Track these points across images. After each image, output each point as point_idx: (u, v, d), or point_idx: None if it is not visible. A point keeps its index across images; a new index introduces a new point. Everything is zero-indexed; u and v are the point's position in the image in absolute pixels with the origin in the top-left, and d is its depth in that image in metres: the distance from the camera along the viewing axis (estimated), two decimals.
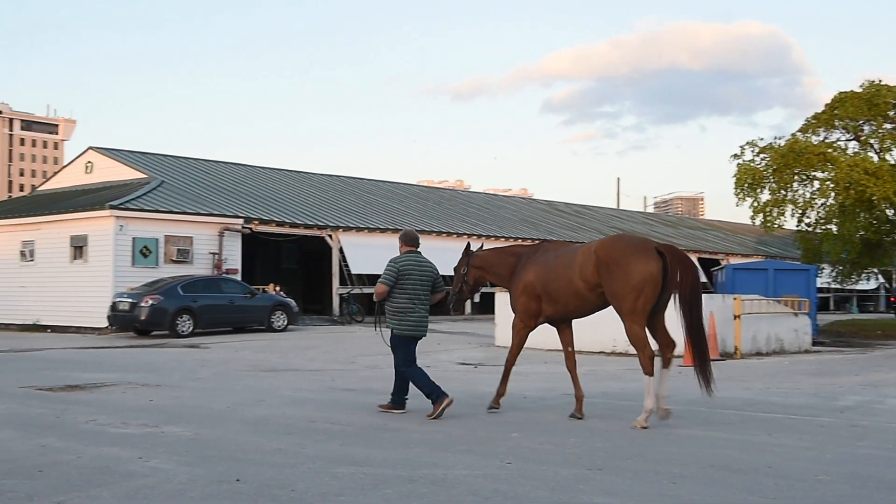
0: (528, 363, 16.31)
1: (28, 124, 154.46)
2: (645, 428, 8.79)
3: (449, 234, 36.73)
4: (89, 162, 34.69)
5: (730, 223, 63.14)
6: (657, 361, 9.23)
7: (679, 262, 9.18)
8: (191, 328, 24.28)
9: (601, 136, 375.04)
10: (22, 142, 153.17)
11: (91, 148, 35.11)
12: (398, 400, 9.94)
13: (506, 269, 10.29)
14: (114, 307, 24.69)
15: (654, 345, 9.39)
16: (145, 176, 32.19)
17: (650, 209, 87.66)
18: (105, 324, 25.53)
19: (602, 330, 18.45)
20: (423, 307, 9.89)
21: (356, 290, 32.17)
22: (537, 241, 10.49)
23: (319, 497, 5.99)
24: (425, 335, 10.00)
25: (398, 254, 10.12)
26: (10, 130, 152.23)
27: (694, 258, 50.43)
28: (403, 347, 9.85)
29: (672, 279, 9.05)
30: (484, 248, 11.23)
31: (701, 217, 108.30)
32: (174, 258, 27.84)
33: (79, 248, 27.88)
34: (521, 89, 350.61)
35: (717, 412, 10.16)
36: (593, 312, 10.18)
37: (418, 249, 10.13)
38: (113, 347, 20.92)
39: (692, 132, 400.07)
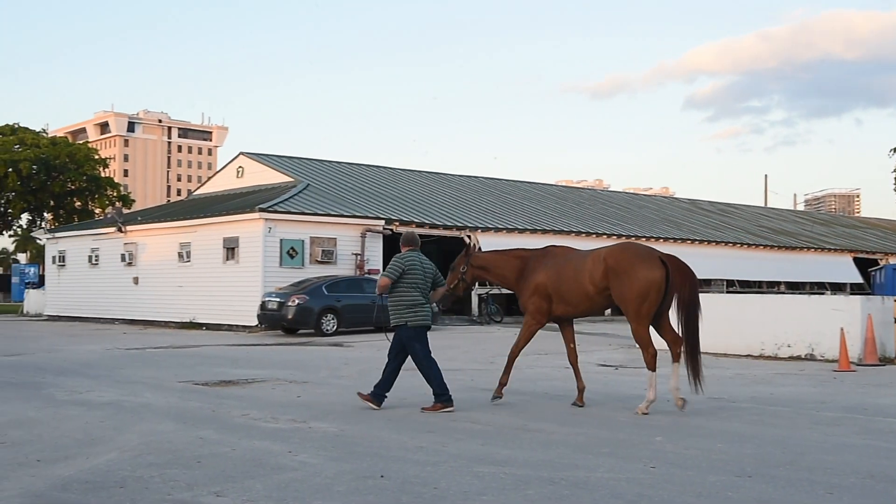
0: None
1: (184, 132, 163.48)
2: (646, 414, 9.79)
3: (588, 234, 36.32)
4: (240, 167, 36.33)
5: (889, 221, 59.71)
6: (667, 357, 10.41)
7: (679, 270, 10.16)
8: (334, 327, 24.97)
9: (748, 132, 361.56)
10: (179, 149, 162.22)
11: (242, 153, 36.77)
12: (444, 398, 10.14)
13: (511, 271, 10.93)
14: (263, 306, 25.67)
15: (662, 344, 10.38)
16: (292, 179, 33.41)
17: (800, 207, 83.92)
18: (255, 322, 26.59)
19: (749, 332, 17.82)
20: (428, 300, 10.58)
21: (494, 291, 32.26)
22: (546, 247, 11.24)
23: (462, 496, 6.04)
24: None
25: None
26: (169, 138, 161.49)
27: (849, 258, 48.02)
28: (423, 339, 10.44)
29: (673, 286, 10.06)
30: (481, 249, 12.35)
31: (857, 215, 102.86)
32: (319, 259, 28.72)
33: (231, 249, 29.15)
34: (662, 86, 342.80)
35: (877, 420, 9.61)
36: (599, 313, 11.37)
37: (418, 250, 10.73)
38: (262, 345, 21.78)
39: (846, 126, 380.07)
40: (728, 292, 36.01)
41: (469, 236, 32.86)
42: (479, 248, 32.46)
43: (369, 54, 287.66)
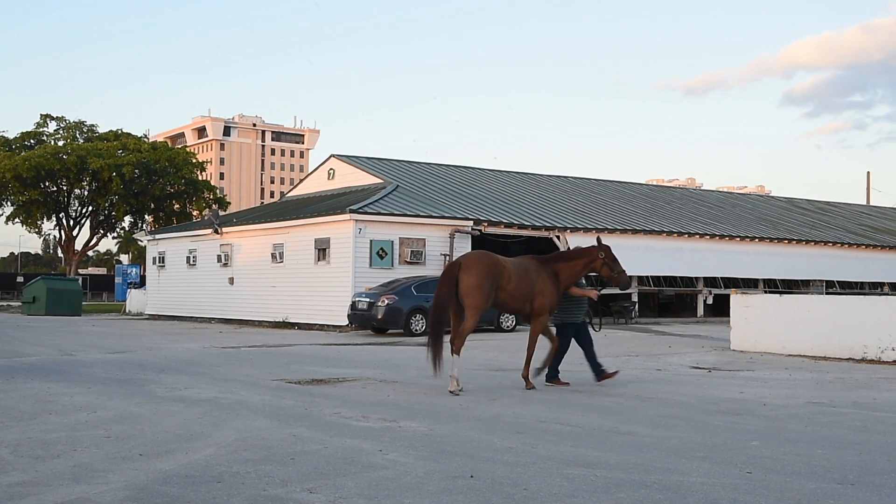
0: (766, 368, 15.50)
1: (277, 135, 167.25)
2: (453, 392, 11.47)
3: (680, 234, 35.65)
4: (331, 169, 36.93)
5: None
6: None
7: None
8: (423, 327, 25.10)
9: (849, 128, 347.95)
10: (272, 151, 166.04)
11: (333, 156, 37.37)
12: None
13: None
14: (353, 306, 26.02)
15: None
16: (381, 181, 33.78)
17: None
18: (345, 322, 26.98)
19: (851, 335, 17.20)
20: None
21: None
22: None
23: (552, 497, 6.01)
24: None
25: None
26: (263, 142, 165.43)
27: None
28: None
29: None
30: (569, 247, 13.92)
31: None
32: (408, 259, 28.95)
33: (322, 250, 29.64)
34: (758, 82, 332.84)
35: None
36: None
37: None
38: (353, 344, 22.09)
39: None
40: (828, 294, 34.80)
41: (558, 237, 32.63)
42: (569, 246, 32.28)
43: (457, 59, 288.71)
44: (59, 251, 80.00)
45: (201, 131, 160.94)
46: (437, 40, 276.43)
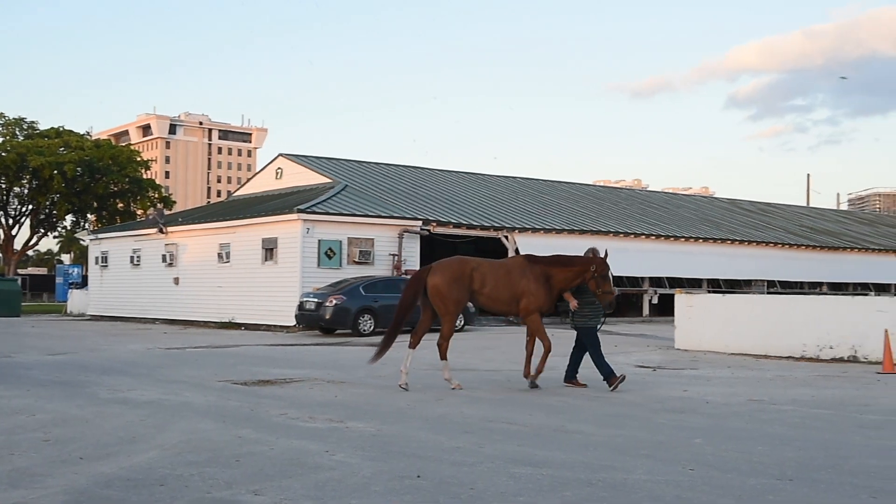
0: (710, 367, 15.77)
1: (224, 134, 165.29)
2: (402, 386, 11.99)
3: (626, 234, 36.09)
4: (279, 168, 36.63)
5: None
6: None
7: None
8: (372, 327, 25.06)
9: (791, 131, 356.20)
10: (219, 150, 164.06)
11: (281, 155, 37.08)
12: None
13: None
14: (301, 306, 25.84)
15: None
16: (330, 180, 33.60)
17: (844, 206, 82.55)
18: (293, 322, 26.79)
19: (790, 334, 17.57)
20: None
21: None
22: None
23: (498, 496, 6.03)
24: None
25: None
26: (209, 140, 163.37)
27: (894, 258, 47.20)
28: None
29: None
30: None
31: None
32: (356, 259, 28.84)
33: (269, 250, 29.37)
34: (703, 85, 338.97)
35: None
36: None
37: None
38: (300, 345, 21.94)
39: (893, 124, 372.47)
40: (769, 293, 35.54)
41: (506, 237, 32.81)
42: (518, 250, 32.45)
43: (407, 54, 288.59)
44: None
45: (146, 129, 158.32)
46: (384, 41, 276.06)
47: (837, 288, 40.58)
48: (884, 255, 44.69)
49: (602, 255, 12.26)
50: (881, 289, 41.66)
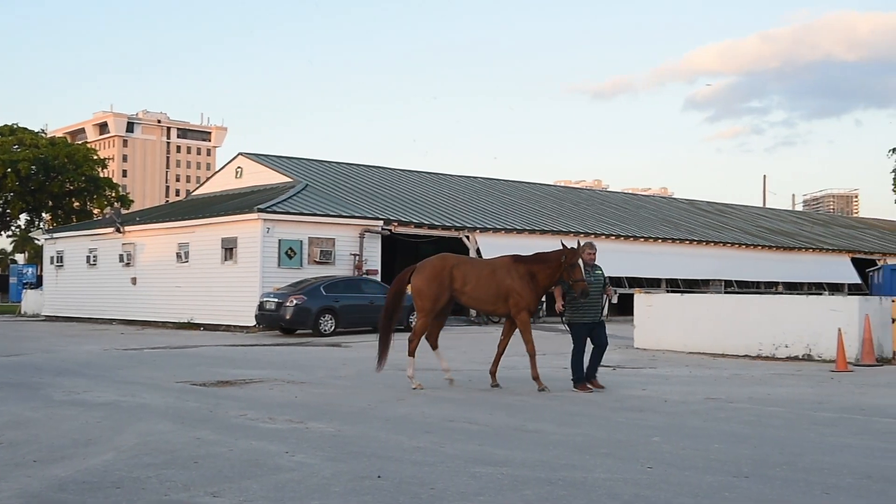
0: (669, 366, 15.94)
1: (184, 132, 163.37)
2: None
3: (586, 234, 36.32)
4: (239, 167, 36.32)
5: (888, 221, 59.69)
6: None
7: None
8: (332, 327, 24.97)
9: (748, 133, 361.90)
10: (178, 149, 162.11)
11: (241, 154, 36.77)
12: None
13: None
14: (261, 306, 25.66)
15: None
16: (290, 180, 33.40)
17: (799, 207, 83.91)
18: (253, 322, 26.58)
19: (747, 333, 17.82)
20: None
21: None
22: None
23: (458, 496, 6.04)
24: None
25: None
26: (168, 139, 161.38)
27: (847, 258, 48.08)
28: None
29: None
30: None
31: (855, 215, 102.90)
32: (317, 259, 28.70)
33: (229, 249, 29.12)
34: (663, 86, 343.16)
35: (874, 420, 9.61)
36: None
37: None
38: (260, 345, 21.77)
39: (846, 127, 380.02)
40: (727, 293, 36.01)
41: (468, 237, 32.86)
42: (479, 250, 32.51)
43: (368, 53, 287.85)
44: None
45: (103, 127, 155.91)
46: (345, 41, 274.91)
47: (793, 287, 41.23)
48: (837, 256, 45.51)
49: (576, 247, 11.99)
50: (835, 288, 42.43)
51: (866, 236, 52.39)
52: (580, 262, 11.89)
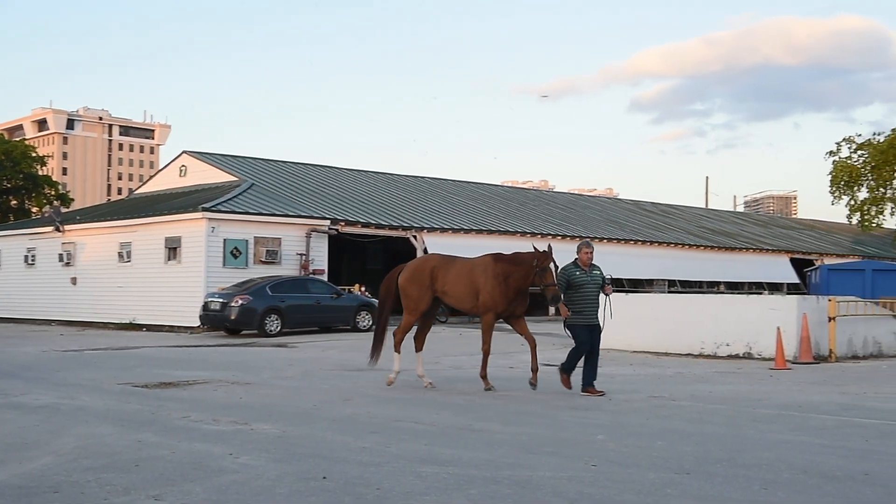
0: (614, 364, 16.11)
1: (126, 130, 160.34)
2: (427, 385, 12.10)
3: (533, 234, 36.55)
4: (183, 165, 35.80)
5: (824, 222, 61.14)
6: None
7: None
8: (278, 328, 24.77)
9: (690, 135, 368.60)
10: (120, 147, 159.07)
11: (185, 152, 36.25)
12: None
13: None
14: (205, 307, 25.35)
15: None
16: (236, 179, 33.02)
17: (740, 208, 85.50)
18: (197, 323, 26.24)
19: (690, 332, 18.12)
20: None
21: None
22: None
23: (404, 496, 6.04)
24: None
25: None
26: (110, 136, 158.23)
27: (786, 258, 49.04)
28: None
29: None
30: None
31: (794, 216, 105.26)
32: (263, 259, 28.44)
33: (173, 249, 28.71)
34: (608, 88, 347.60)
35: (811, 417, 9.85)
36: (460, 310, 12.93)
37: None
38: (204, 346, 21.50)
39: (786, 129, 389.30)
40: (670, 292, 36.56)
41: (415, 237, 32.85)
42: (426, 250, 32.50)
43: (312, 51, 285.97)
44: None
45: (42, 124, 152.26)
46: (290, 40, 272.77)
47: (734, 287, 42.02)
48: (777, 256, 46.49)
49: (548, 250, 11.80)
50: (774, 288, 43.33)
51: (804, 237, 53.61)
52: (552, 266, 11.64)
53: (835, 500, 6.01)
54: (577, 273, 11.71)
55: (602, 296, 11.94)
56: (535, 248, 11.97)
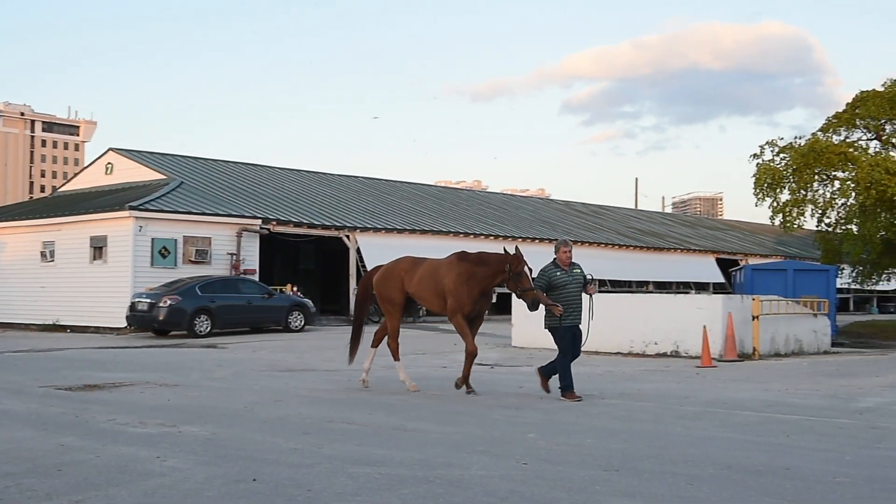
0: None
1: (49, 126, 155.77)
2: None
3: (466, 234, 36.72)
4: (109, 163, 34.96)
5: (749, 223, 62.78)
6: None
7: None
8: (208, 328, 24.40)
9: (621, 137, 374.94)
10: (43, 143, 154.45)
11: (111, 149, 35.39)
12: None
13: None
14: (132, 307, 24.84)
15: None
16: (165, 177, 32.39)
17: (668, 209, 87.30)
18: (124, 324, 25.69)
19: (619, 331, 18.41)
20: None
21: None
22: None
23: (335, 497, 6.01)
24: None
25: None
26: (32, 132, 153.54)
27: (712, 258, 50.09)
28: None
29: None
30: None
31: (720, 217, 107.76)
32: (192, 259, 27.99)
33: (98, 248, 28.07)
34: (541, 90, 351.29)
35: (735, 413, 10.10)
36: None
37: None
38: (131, 347, 21.05)
39: (712, 132, 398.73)
40: (600, 292, 37.01)
41: (348, 236, 32.69)
42: (359, 249, 32.37)
43: (250, 53, 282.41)
44: None
45: None
46: (221, 38, 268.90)
47: (662, 286, 42.86)
48: (703, 256, 47.57)
49: (514, 252, 11.39)
50: (701, 287, 44.30)
51: (729, 237, 54.96)
52: (526, 269, 11.17)
53: (757, 494, 6.17)
54: (558, 273, 11.21)
55: (584, 296, 11.39)
56: (504, 250, 11.54)
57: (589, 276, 11.69)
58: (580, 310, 11.29)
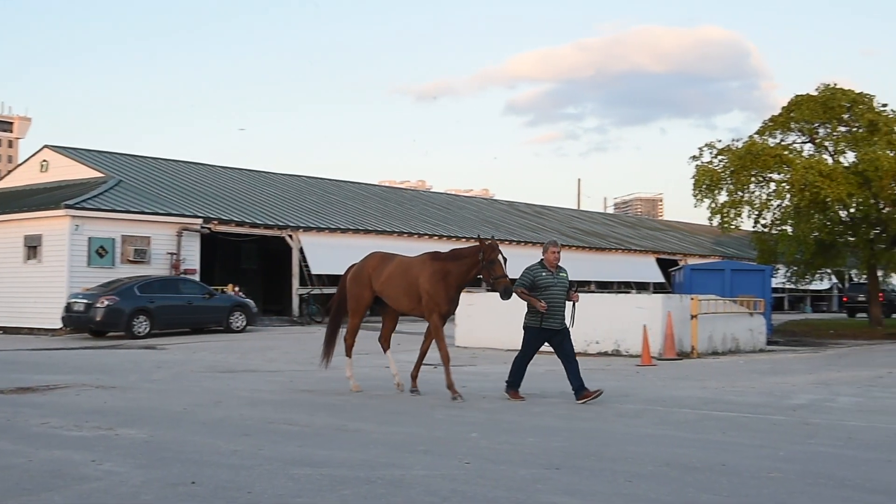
0: (488, 363, 16.36)
1: None
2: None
3: (410, 234, 36.70)
4: (44, 160, 34.09)
5: (688, 224, 63.85)
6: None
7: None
8: (147, 329, 23.98)
9: (563, 138, 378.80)
10: None
11: (46, 146, 34.51)
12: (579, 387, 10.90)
13: None
14: (68, 308, 24.31)
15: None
16: (102, 175, 31.71)
17: (610, 210, 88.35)
18: (59, 325, 25.12)
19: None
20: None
21: (316, 291, 31.99)
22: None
23: (276, 499, 5.95)
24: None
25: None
26: None
27: (652, 258, 50.79)
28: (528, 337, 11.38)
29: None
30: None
31: (660, 218, 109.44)
32: (131, 258, 27.47)
33: (33, 248, 27.39)
34: (485, 90, 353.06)
35: (674, 411, 10.27)
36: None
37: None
38: (67, 349, 20.59)
39: (653, 134, 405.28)
40: None
41: (290, 236, 32.42)
42: (302, 249, 32.13)
43: (191, 51, 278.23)
44: None
45: None
46: (160, 35, 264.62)
47: (604, 286, 43.33)
48: (644, 256, 48.27)
49: (492, 241, 11.32)
50: (641, 287, 44.96)
51: (669, 238, 55.85)
52: (500, 257, 11.07)
53: (694, 490, 6.28)
54: (544, 274, 11.09)
55: (568, 301, 11.26)
56: (479, 237, 11.38)
57: (574, 284, 11.59)
58: (562, 314, 11.13)
